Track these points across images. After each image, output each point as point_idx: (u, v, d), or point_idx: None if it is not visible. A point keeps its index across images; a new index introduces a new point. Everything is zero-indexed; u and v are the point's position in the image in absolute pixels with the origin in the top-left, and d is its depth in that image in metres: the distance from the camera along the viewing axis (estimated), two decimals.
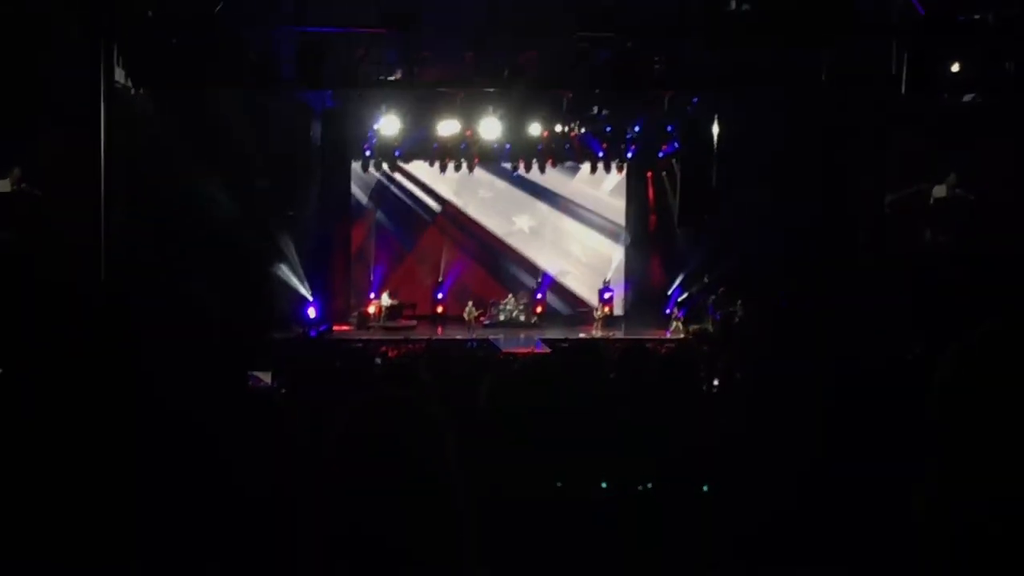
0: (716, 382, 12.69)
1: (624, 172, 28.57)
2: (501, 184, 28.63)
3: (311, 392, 9.24)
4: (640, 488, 7.84)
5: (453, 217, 28.63)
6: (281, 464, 4.05)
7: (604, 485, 7.70)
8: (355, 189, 27.88)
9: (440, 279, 27.99)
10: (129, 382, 4.21)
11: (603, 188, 28.88)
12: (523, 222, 28.84)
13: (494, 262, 28.61)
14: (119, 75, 18.37)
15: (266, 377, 10.41)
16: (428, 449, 3.07)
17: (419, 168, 28.00)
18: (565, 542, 6.91)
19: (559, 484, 7.46)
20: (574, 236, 28.97)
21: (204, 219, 21.03)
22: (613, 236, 28.90)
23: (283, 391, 9.88)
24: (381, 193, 28.17)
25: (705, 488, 7.91)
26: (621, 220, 28.89)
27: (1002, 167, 19.73)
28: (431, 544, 2.98)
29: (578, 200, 28.85)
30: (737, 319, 23.73)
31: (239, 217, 22.13)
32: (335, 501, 3.05)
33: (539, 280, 28.17)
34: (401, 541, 2.97)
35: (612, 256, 28.87)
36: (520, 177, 28.32)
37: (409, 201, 28.38)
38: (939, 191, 20.74)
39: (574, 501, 7.17)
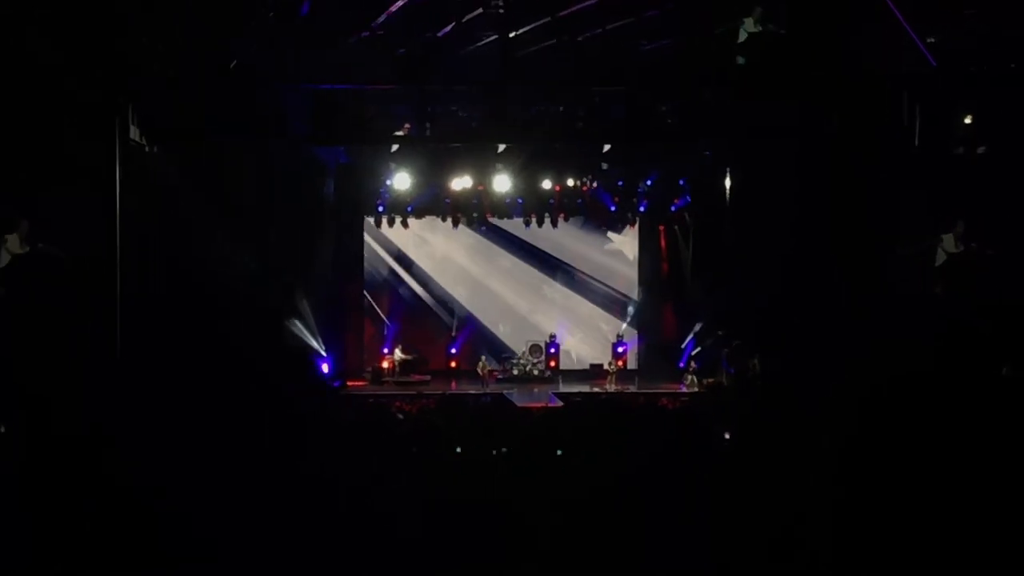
0: (728, 435, 12.69)
1: (636, 228, 28.56)
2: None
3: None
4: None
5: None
6: None
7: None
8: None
9: (453, 334, 27.95)
10: None
11: (620, 257, 28.90)
12: (543, 292, 28.80)
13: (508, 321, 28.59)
14: (134, 133, 18.47)
15: None
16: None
17: (436, 233, 28.08)
18: None
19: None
20: (586, 305, 28.92)
21: (218, 275, 21.04)
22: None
23: None
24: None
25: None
26: (632, 290, 28.88)
27: (1014, 219, 19.72)
28: None
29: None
30: (753, 373, 23.58)
31: (253, 273, 22.15)
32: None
33: (551, 338, 28.07)
34: None
35: (626, 313, 28.82)
36: (534, 247, 28.39)
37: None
38: (949, 243, 20.67)
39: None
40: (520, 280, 28.67)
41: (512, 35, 18.04)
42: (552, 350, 27.87)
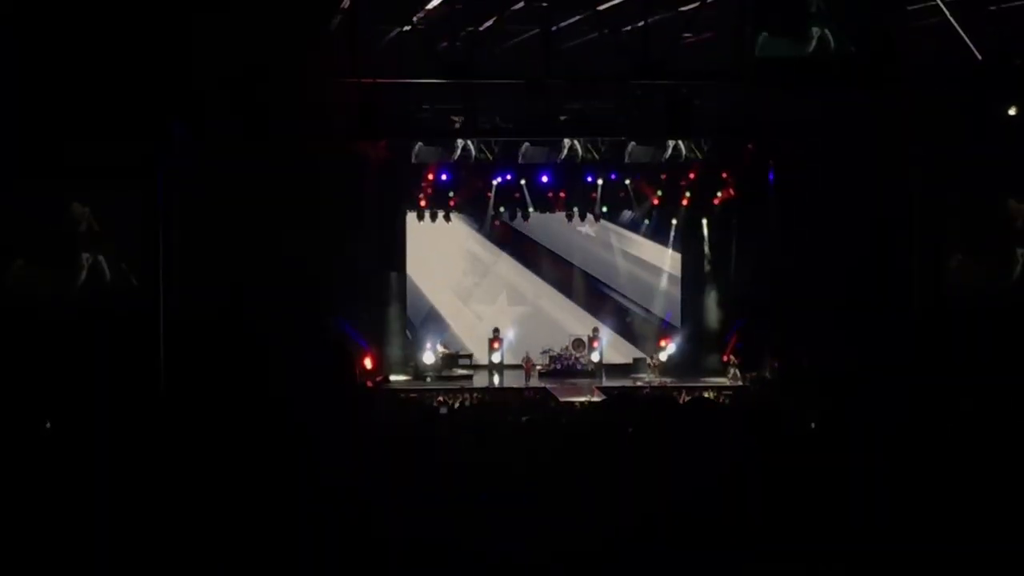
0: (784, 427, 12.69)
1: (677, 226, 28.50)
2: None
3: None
4: None
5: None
6: None
7: None
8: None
9: (497, 330, 27.87)
10: None
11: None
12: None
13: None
14: (180, 130, 18.55)
15: None
16: None
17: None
18: None
19: None
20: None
21: (260, 271, 21.09)
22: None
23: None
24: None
25: None
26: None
27: None
28: None
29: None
30: (800, 366, 23.40)
31: (295, 268, 22.18)
32: None
33: (594, 332, 28.00)
34: None
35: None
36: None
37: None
38: None
39: None
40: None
41: (554, 29, 17.98)
42: (595, 344, 27.81)
